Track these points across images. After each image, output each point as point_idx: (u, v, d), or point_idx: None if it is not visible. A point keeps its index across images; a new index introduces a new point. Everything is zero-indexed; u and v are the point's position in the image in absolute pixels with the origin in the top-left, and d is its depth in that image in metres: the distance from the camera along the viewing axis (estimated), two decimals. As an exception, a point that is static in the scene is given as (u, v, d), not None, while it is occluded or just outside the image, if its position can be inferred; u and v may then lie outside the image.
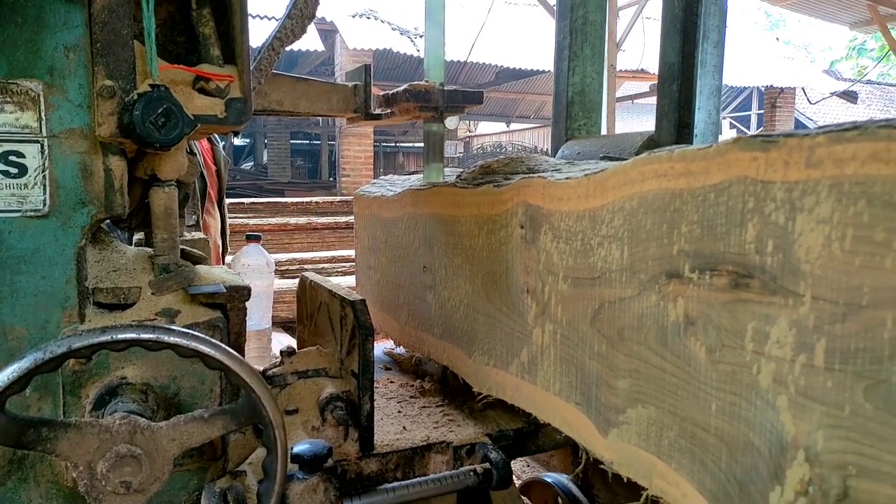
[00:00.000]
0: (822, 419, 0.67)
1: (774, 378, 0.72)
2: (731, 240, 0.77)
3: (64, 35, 0.98)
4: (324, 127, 14.52)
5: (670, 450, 0.88)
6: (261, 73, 1.27)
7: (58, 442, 0.85)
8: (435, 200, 1.54)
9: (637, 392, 0.94)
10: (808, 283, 0.67)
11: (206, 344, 0.92)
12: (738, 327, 0.76)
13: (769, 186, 0.71)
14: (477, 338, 1.39)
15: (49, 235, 1.01)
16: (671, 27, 1.76)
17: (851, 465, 0.64)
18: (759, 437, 0.74)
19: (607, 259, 0.99)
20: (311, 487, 1.09)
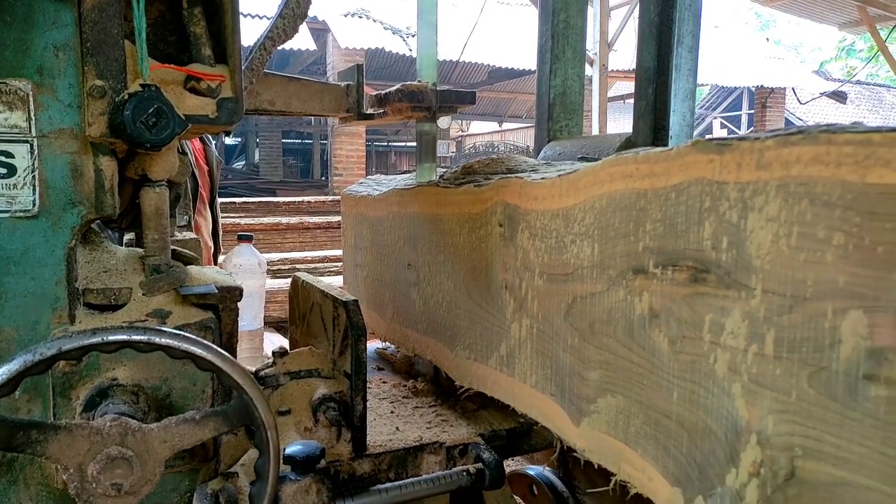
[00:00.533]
0: (771, 405, 0.71)
1: (729, 367, 0.76)
2: (690, 237, 0.81)
3: (53, 34, 0.97)
4: (316, 126, 14.48)
5: (636, 436, 0.93)
6: (252, 72, 1.26)
7: (48, 444, 0.85)
8: (419, 200, 1.58)
9: (607, 382, 0.98)
10: (758, 278, 0.71)
11: (197, 345, 0.91)
12: (697, 319, 0.80)
13: (724, 187, 0.76)
14: (459, 333, 1.42)
15: (39, 236, 1.00)
16: (647, 32, 1.82)
17: (798, 447, 0.68)
18: (717, 423, 0.78)
19: (579, 256, 1.03)
20: (303, 489, 1.09)
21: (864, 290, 0.61)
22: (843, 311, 0.63)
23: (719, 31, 14.16)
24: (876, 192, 0.60)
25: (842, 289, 0.63)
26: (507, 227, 1.22)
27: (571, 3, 1.95)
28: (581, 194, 1.02)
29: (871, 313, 0.61)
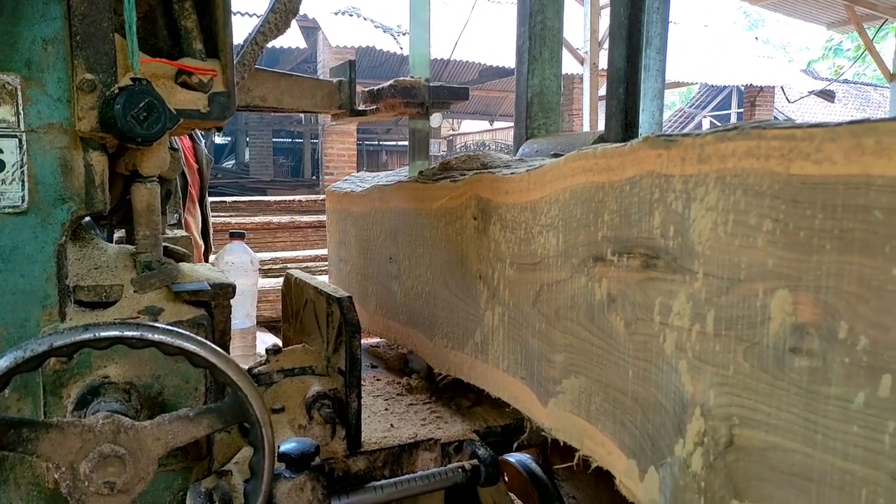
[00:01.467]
0: (712, 379, 0.77)
1: (676, 345, 0.82)
2: (642, 226, 0.87)
3: (42, 27, 0.96)
4: (306, 125, 14.43)
5: (597, 413, 0.99)
6: (244, 67, 1.25)
7: (39, 442, 0.84)
8: (399, 195, 1.63)
9: (571, 364, 1.04)
10: (700, 262, 0.78)
11: (191, 341, 0.90)
12: (648, 302, 0.86)
13: (670, 179, 0.82)
14: (437, 322, 1.48)
15: (28, 232, 0.99)
16: (617, 34, 1.90)
17: (735, 417, 0.74)
18: (666, 398, 0.85)
19: (545, 246, 1.09)
20: (298, 486, 1.08)
21: (788, 271, 0.67)
22: (771, 291, 0.69)
23: (708, 30, 14.23)
24: (798, 182, 0.66)
25: (770, 270, 0.69)
26: (481, 220, 1.28)
27: (548, 6, 2.02)
28: (547, 188, 1.08)
29: (794, 292, 0.67)
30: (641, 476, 0.90)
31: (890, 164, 0.58)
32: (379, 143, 18.32)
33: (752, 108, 13.14)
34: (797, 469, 0.68)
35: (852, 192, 0.61)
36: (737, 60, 12.91)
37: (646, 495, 0.88)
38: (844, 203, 0.62)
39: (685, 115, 18.35)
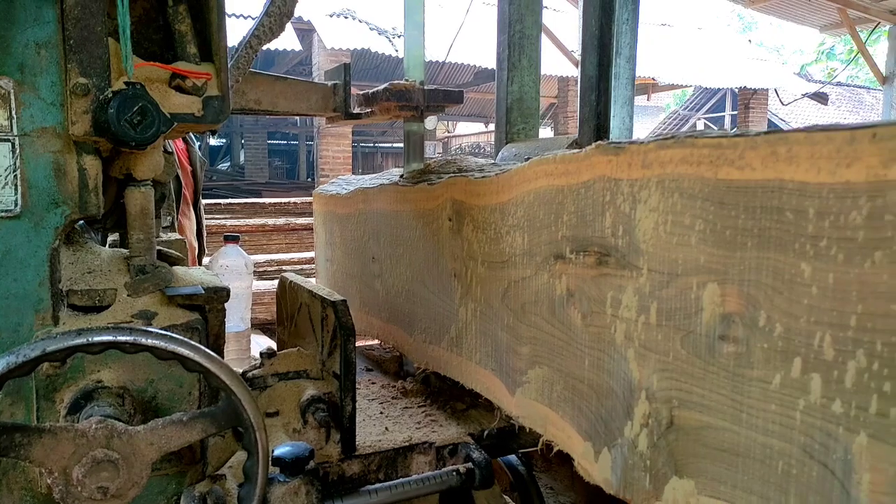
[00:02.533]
0: (655, 365, 0.84)
1: (625, 335, 0.89)
2: (596, 226, 0.94)
3: (35, 31, 0.96)
4: (302, 127, 14.41)
5: (558, 401, 1.06)
6: (238, 71, 1.25)
7: (31, 448, 0.83)
8: (381, 197, 1.70)
9: (535, 355, 1.11)
10: (645, 259, 0.85)
11: (184, 346, 0.90)
12: (602, 296, 0.93)
13: (619, 183, 0.89)
14: (416, 319, 1.55)
15: (21, 236, 0.99)
16: (589, 44, 2.01)
17: (675, 399, 0.82)
18: (617, 384, 0.92)
19: (513, 245, 1.16)
20: (292, 490, 1.08)
21: (717, 266, 0.75)
22: (703, 284, 0.76)
23: (702, 33, 14.28)
24: (724, 186, 0.73)
25: (702, 266, 0.76)
26: (455, 221, 1.35)
27: (526, 15, 2.11)
28: (514, 191, 1.15)
29: (722, 285, 0.74)
30: (596, 457, 0.97)
31: (798, 169, 0.65)
32: (374, 145, 18.32)
33: (745, 110, 13.19)
34: (727, 445, 0.75)
35: (768, 195, 0.68)
36: (731, 63, 12.96)
37: (600, 475, 0.95)
38: (762, 205, 0.69)
39: (680, 117, 18.41)
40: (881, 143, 0.58)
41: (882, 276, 0.58)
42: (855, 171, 0.60)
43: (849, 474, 0.62)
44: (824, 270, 0.63)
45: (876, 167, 0.58)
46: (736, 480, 0.74)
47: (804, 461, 0.67)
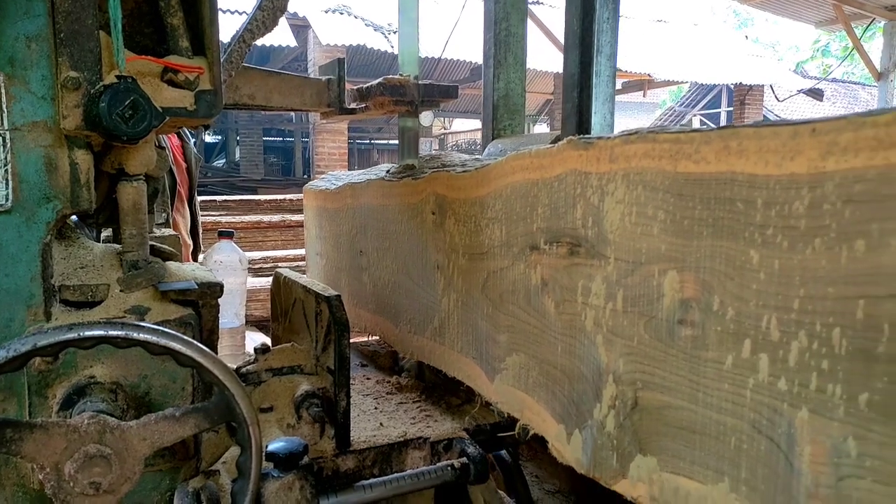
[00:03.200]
0: (622, 349, 0.88)
1: (594, 322, 0.93)
2: (567, 218, 0.98)
3: (25, 25, 0.95)
4: (297, 124, 14.37)
5: (534, 386, 1.10)
6: (231, 65, 1.25)
7: (23, 443, 0.83)
8: (368, 192, 1.74)
9: (512, 343, 1.15)
10: (612, 248, 0.89)
11: (177, 340, 0.90)
12: (573, 285, 0.97)
13: (589, 176, 0.93)
14: (401, 310, 1.60)
15: (12, 231, 0.98)
16: (571, 42, 2.04)
17: (639, 381, 0.85)
18: (587, 368, 0.96)
19: (491, 237, 1.20)
20: (286, 485, 1.08)
21: (676, 254, 0.78)
22: (664, 272, 0.80)
23: (698, 29, 14.28)
24: (682, 178, 0.77)
25: (663, 254, 0.80)
26: (438, 215, 1.39)
27: (512, 14, 2.15)
28: (492, 185, 1.19)
29: (681, 272, 0.78)
30: (568, 439, 1.00)
31: (748, 162, 0.69)
32: (370, 141, 18.28)
33: (741, 106, 13.20)
34: (685, 423, 0.79)
35: (721, 187, 0.72)
36: (726, 59, 12.96)
37: (572, 455, 0.99)
38: (716, 196, 0.73)
39: (676, 113, 18.42)
40: (820, 136, 0.62)
41: (821, 261, 0.62)
42: (798, 164, 0.64)
43: (792, 447, 0.66)
44: (770, 257, 0.67)
45: (816, 159, 0.62)
46: (694, 456, 0.78)
47: (753, 436, 0.71)
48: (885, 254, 0.57)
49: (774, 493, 0.68)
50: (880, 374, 0.58)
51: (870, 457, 0.59)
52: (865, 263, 0.59)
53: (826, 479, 0.63)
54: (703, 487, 0.77)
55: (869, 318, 0.59)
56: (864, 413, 0.60)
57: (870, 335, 0.59)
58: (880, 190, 0.57)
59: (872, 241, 0.58)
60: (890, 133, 0.57)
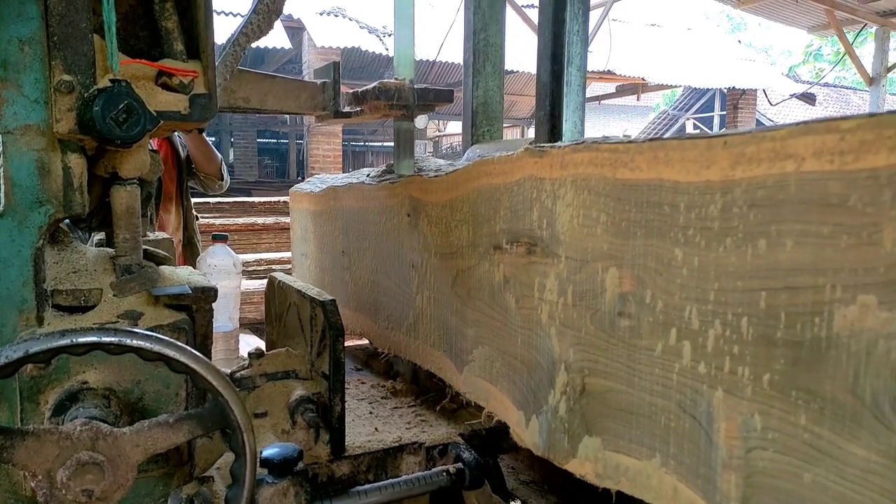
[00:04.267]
0: (572, 340, 0.96)
1: (549, 315, 1.01)
2: (526, 220, 1.06)
3: (18, 27, 0.94)
4: (291, 126, 14.35)
5: (497, 376, 1.18)
6: (226, 68, 1.24)
7: (15, 450, 0.82)
8: (350, 195, 1.83)
9: (479, 336, 1.23)
10: (563, 248, 0.97)
11: (170, 347, 0.89)
12: (531, 282, 1.05)
13: (543, 181, 1.01)
14: (380, 307, 1.68)
15: (4, 235, 0.97)
16: (543, 53, 2.17)
17: (586, 369, 0.94)
18: (543, 358, 1.03)
19: (460, 237, 1.28)
20: (281, 491, 1.07)
21: (616, 252, 0.87)
22: (606, 269, 0.88)
23: (692, 34, 14.35)
24: (620, 184, 0.85)
25: (605, 253, 0.88)
26: (413, 216, 1.47)
27: (490, 24, 2.25)
28: (461, 189, 1.27)
29: (619, 269, 0.86)
30: (527, 424, 1.08)
31: (673, 170, 0.77)
32: (365, 143, 18.28)
33: (734, 110, 13.26)
34: (624, 405, 0.87)
35: (651, 191, 0.80)
36: (720, 63, 13.03)
37: (530, 439, 1.07)
38: (647, 200, 0.81)
39: (669, 117, 18.50)
40: (730, 148, 0.70)
41: (731, 258, 0.70)
42: (712, 172, 0.72)
43: (711, 423, 0.74)
44: (691, 255, 0.75)
45: (727, 169, 0.70)
46: (631, 435, 0.86)
47: (679, 415, 0.79)
48: (781, 252, 0.65)
49: (697, 465, 0.76)
50: (779, 357, 0.66)
51: (771, 430, 0.67)
52: (766, 260, 0.67)
53: (738, 451, 0.71)
54: (639, 463, 0.85)
55: (769, 307, 0.66)
56: (766, 392, 0.67)
57: (770, 323, 0.66)
58: (777, 196, 0.65)
59: (772, 241, 0.66)
60: (785, 146, 0.64)
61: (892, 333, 0.56)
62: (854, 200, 0.59)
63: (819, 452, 0.63)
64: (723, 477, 0.73)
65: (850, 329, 0.59)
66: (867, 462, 0.59)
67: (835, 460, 0.62)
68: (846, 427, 0.60)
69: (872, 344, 0.57)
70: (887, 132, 0.56)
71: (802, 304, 0.63)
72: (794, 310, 0.64)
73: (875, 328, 0.57)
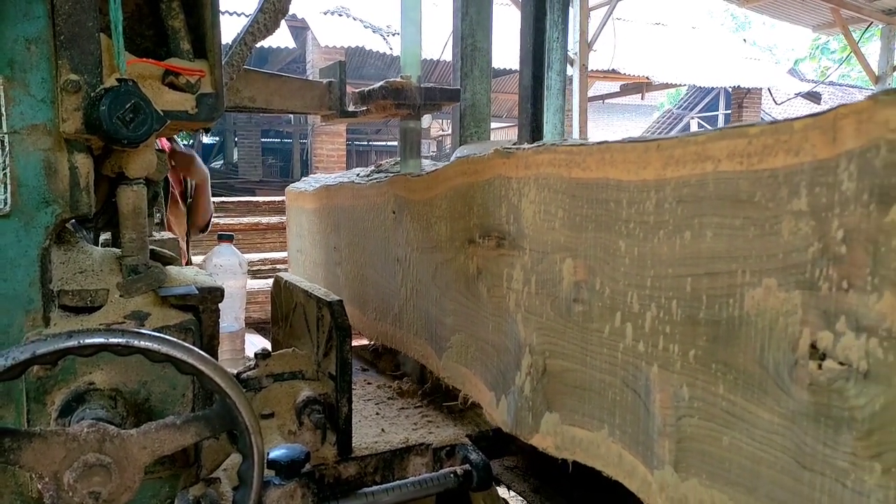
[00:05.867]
0: (535, 325, 1.05)
1: (515, 303, 1.10)
2: (496, 215, 1.14)
3: (25, 27, 0.94)
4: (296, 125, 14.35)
5: (472, 360, 1.27)
6: (232, 68, 1.24)
7: (21, 452, 0.81)
8: (341, 194, 1.92)
9: (456, 324, 1.32)
10: (528, 241, 1.05)
11: (177, 348, 0.88)
12: (500, 273, 1.14)
13: (510, 180, 1.09)
14: (369, 299, 1.77)
15: (11, 236, 0.97)
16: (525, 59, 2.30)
17: (547, 351, 1.03)
18: (510, 343, 1.12)
19: (439, 233, 1.36)
20: (288, 493, 1.07)
21: (571, 244, 0.95)
22: (563, 259, 0.97)
23: (696, 32, 14.30)
24: (574, 183, 0.94)
25: (562, 245, 0.97)
26: (398, 214, 1.55)
27: (477, 30, 2.39)
28: (440, 187, 1.35)
29: (574, 259, 0.95)
30: (497, 404, 1.17)
31: (617, 170, 0.85)
32: (368, 143, 18.27)
33: (739, 109, 13.21)
34: (578, 382, 0.96)
35: (600, 189, 0.89)
36: (724, 62, 12.98)
37: (500, 417, 1.17)
38: (596, 197, 0.90)
39: (673, 116, 18.44)
40: (662, 151, 0.78)
41: (663, 248, 0.79)
42: (648, 172, 0.80)
43: (648, 396, 0.82)
44: (632, 245, 0.84)
45: (659, 169, 0.79)
46: (584, 409, 0.96)
47: (623, 389, 0.87)
48: (702, 242, 0.74)
49: (637, 434, 0.85)
50: (701, 335, 0.74)
51: (696, 399, 0.76)
52: (690, 249, 0.75)
53: (670, 419, 0.79)
54: (590, 434, 0.94)
55: (693, 291, 0.75)
56: (692, 365, 0.76)
57: (694, 304, 0.75)
58: (699, 192, 0.74)
59: (695, 232, 0.75)
60: (705, 149, 0.73)
61: (789, 311, 0.64)
62: (759, 196, 0.67)
63: (734, 417, 0.71)
64: (658, 443, 0.80)
65: (756, 308, 0.67)
66: (771, 424, 0.67)
67: (746, 424, 0.69)
68: (755, 394, 0.68)
69: (774, 321, 0.65)
70: (783, 137, 0.64)
71: (720, 287, 0.72)
72: (713, 293, 0.72)
73: (776, 307, 0.65)
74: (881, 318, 0.55)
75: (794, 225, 0.63)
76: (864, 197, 0.57)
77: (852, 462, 0.58)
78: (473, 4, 2.41)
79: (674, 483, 0.79)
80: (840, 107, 0.60)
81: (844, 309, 0.58)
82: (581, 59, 7.23)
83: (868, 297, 0.56)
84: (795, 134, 0.63)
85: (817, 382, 0.61)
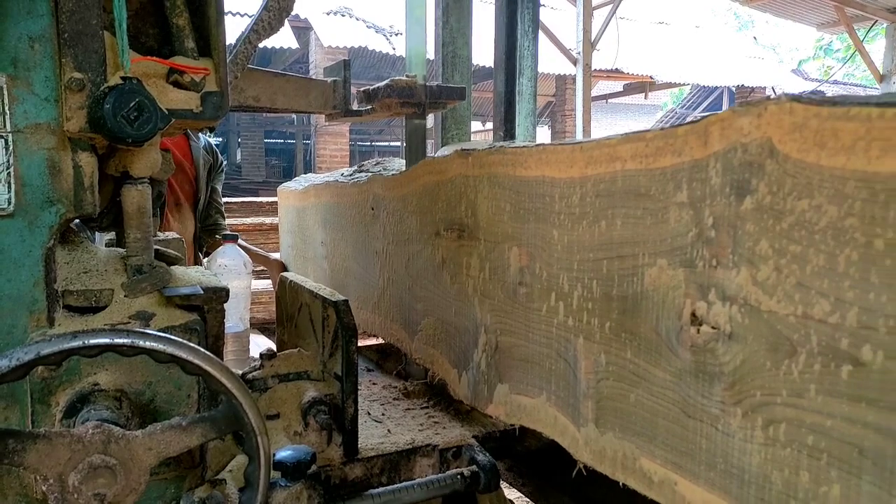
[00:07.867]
0: (489, 306, 1.17)
1: (473, 288, 1.22)
2: (457, 210, 1.26)
3: (28, 24, 0.93)
4: (299, 125, 14.36)
5: (438, 342, 1.39)
6: (237, 66, 1.23)
7: (26, 454, 0.81)
8: (327, 192, 2.05)
9: (426, 309, 1.44)
10: (483, 232, 1.17)
11: (183, 348, 0.87)
12: (461, 261, 1.26)
13: (468, 178, 1.21)
14: (352, 290, 1.88)
15: (14, 236, 0.96)
16: (499, 66, 2.54)
17: (498, 329, 1.15)
18: (469, 323, 1.24)
19: (411, 227, 1.48)
20: (294, 495, 1.06)
21: (516, 234, 1.07)
22: (510, 248, 1.09)
23: (700, 31, 14.27)
24: (519, 180, 1.05)
25: (509, 235, 1.09)
26: (376, 210, 1.68)
27: (458, 38, 2.57)
28: (411, 185, 1.47)
29: (519, 247, 1.07)
30: (459, 379, 1.30)
31: (552, 169, 0.97)
32: (371, 143, 18.28)
33: (743, 108, 13.14)
34: (523, 356, 1.08)
35: (538, 185, 1.01)
36: (728, 61, 12.95)
37: (462, 392, 1.30)
38: (536, 192, 1.01)
39: (676, 115, 18.40)
40: (585, 152, 0.90)
41: (586, 236, 0.91)
42: (574, 170, 0.92)
43: (575, 364, 0.95)
44: (562, 234, 0.96)
45: (583, 167, 0.91)
46: (528, 379, 1.07)
47: (556, 359, 0.99)
48: (614, 230, 0.86)
49: (568, 397, 0.98)
50: (614, 309, 0.87)
51: (611, 364, 0.88)
52: (606, 236, 0.87)
53: (592, 383, 0.91)
54: (532, 401, 1.06)
55: (608, 272, 0.87)
56: (607, 335, 0.88)
57: (608, 283, 0.87)
58: (611, 188, 0.86)
59: (609, 222, 0.87)
60: (615, 150, 0.84)
61: (675, 286, 0.76)
62: (653, 190, 0.79)
63: (638, 377, 0.83)
64: (584, 404, 0.93)
65: (653, 285, 0.80)
66: (665, 381, 0.79)
67: (647, 382, 0.82)
68: (652, 356, 0.81)
69: (665, 294, 0.78)
70: (670, 140, 0.76)
71: (626, 268, 0.84)
72: (622, 272, 0.85)
73: (666, 283, 0.78)
74: (739, 288, 0.68)
75: (678, 214, 0.76)
76: (726, 190, 0.69)
77: (721, 409, 0.71)
78: (454, 13, 2.59)
79: (595, 437, 0.91)
80: (711, 115, 0.71)
81: (714, 282, 0.71)
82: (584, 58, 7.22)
83: (730, 272, 0.69)
84: (679, 138, 0.75)
85: (696, 344, 0.74)
